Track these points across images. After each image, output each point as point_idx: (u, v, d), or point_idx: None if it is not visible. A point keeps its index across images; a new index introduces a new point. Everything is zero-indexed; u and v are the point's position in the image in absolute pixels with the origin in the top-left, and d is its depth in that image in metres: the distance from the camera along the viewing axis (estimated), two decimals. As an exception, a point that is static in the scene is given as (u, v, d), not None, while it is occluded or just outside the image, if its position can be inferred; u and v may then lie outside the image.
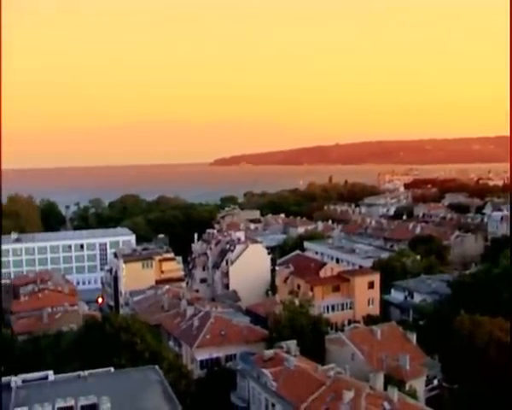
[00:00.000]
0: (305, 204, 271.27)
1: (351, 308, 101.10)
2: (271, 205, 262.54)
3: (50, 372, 45.60)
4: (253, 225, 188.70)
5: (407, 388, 63.05)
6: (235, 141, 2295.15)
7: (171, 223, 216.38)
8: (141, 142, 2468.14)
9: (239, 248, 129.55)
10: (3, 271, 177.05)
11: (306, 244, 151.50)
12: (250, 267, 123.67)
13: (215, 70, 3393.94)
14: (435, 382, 70.99)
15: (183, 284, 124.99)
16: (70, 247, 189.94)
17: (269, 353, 67.37)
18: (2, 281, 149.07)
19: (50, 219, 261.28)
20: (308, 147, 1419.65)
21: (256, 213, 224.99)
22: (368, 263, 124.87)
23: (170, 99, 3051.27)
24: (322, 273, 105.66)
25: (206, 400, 66.81)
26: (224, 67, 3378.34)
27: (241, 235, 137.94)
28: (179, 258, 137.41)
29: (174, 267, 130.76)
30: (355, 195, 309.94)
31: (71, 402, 37.17)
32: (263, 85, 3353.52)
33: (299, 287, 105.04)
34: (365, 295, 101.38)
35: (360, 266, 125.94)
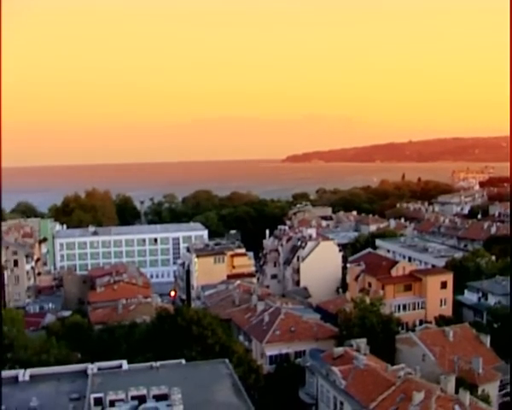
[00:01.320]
0: (377, 202, 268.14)
1: (422, 308, 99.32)
2: (343, 202, 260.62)
3: (124, 362, 46.93)
4: (324, 222, 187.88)
5: (479, 392, 61.55)
6: (307, 138, 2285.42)
7: (243, 219, 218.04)
8: (214, 138, 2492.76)
9: (310, 244, 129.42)
10: (82, 262, 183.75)
11: (378, 242, 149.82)
12: (321, 264, 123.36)
13: (290, 68, 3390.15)
14: (509, 387, 69.11)
15: (254, 280, 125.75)
16: (144, 241, 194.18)
17: (338, 350, 67.20)
18: (82, 272, 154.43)
19: (126, 214, 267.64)
20: (381, 144, 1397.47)
21: (328, 210, 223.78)
22: (441, 263, 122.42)
23: (244, 96, 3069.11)
24: (393, 272, 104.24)
25: (274, 395, 67.27)
26: (298, 66, 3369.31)
27: (312, 232, 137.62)
28: (251, 254, 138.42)
29: (245, 263, 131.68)
30: (428, 193, 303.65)
31: (143, 391, 38.14)
32: (336, 83, 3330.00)
33: (370, 285, 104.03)
34: (437, 296, 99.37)
35: (433, 266, 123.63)
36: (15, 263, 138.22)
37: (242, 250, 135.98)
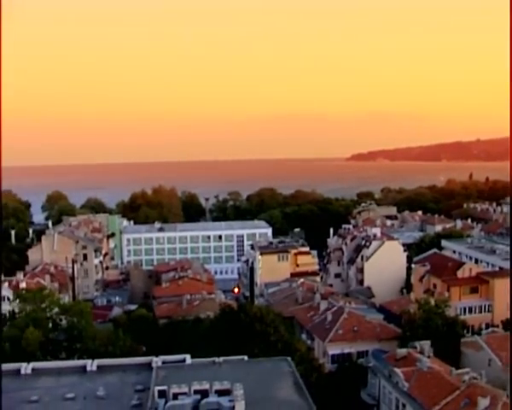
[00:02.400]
0: (443, 201, 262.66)
1: (489, 311, 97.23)
2: (408, 201, 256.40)
3: (188, 356, 47.62)
4: (389, 222, 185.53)
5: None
6: (372, 136, 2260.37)
7: (308, 217, 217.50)
8: (279, 136, 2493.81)
9: (375, 244, 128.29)
10: (148, 257, 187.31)
11: (444, 243, 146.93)
12: (385, 264, 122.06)
13: (356, 65, 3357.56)
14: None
15: (318, 278, 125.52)
16: (209, 237, 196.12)
17: (401, 352, 66.49)
18: (148, 267, 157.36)
19: (191, 211, 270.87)
20: (447, 142, 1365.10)
21: (393, 210, 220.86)
22: (509, 265, 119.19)
23: (308, 93, 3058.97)
24: (459, 273, 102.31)
25: (336, 394, 67.08)
26: (365, 63, 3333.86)
27: (377, 231, 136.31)
28: (314, 252, 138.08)
29: (309, 261, 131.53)
30: (496, 193, 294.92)
31: (206, 386, 38.65)
32: (403, 80, 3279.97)
33: (435, 286, 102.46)
34: (505, 299, 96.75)
35: (500, 268, 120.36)
36: (85, 257, 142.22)
37: (306, 249, 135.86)
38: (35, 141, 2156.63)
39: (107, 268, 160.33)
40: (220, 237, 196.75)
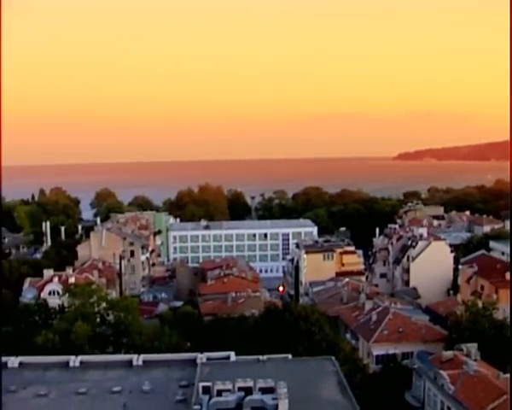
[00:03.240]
0: (492, 202, 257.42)
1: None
2: (456, 201, 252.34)
3: (232, 353, 47.89)
4: (436, 222, 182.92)
5: None
6: (419, 135, 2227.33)
7: (353, 216, 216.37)
8: (325, 135, 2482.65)
9: (421, 244, 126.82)
10: (193, 255, 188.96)
11: (492, 244, 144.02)
12: (432, 265, 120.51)
13: (403, 63, 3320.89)
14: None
15: (363, 278, 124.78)
16: (254, 236, 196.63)
17: (447, 354, 65.54)
18: (194, 265, 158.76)
19: (237, 209, 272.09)
20: (496, 142, 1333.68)
21: (439, 210, 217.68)
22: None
23: (353, 92, 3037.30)
24: (508, 276, 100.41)
25: (380, 395, 66.60)
26: (412, 60, 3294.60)
27: (423, 231, 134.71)
28: (360, 251, 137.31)
29: (354, 261, 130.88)
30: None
31: (250, 383, 38.79)
32: (451, 78, 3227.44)
33: (482, 288, 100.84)
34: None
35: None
36: (132, 254, 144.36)
37: (352, 248, 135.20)
38: (85, 139, 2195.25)
39: (153, 265, 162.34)
40: (266, 235, 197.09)
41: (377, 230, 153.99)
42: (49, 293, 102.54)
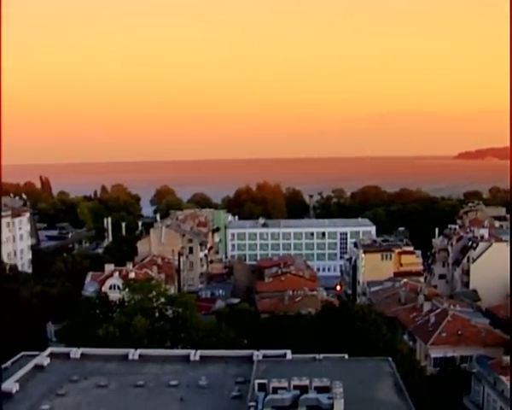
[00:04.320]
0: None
1: None
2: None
3: (288, 351, 47.92)
4: (497, 223, 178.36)
5: None
6: (481, 134, 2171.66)
7: (412, 216, 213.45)
8: (384, 134, 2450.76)
9: (482, 245, 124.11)
10: (251, 252, 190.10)
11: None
12: (492, 267, 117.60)
13: (465, 60, 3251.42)
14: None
15: (422, 279, 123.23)
16: (312, 234, 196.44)
17: (508, 359, 64.22)
18: (251, 262, 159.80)
19: (295, 207, 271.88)
20: None
21: (502, 210, 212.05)
22: None
23: (414, 91, 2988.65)
24: None
25: (437, 399, 65.71)
26: (473, 60, 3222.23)
27: (484, 232, 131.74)
28: (418, 252, 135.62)
29: (413, 261, 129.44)
30: None
31: (305, 382, 38.72)
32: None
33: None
34: None
35: None
36: (190, 250, 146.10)
37: (410, 248, 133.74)
38: (146, 138, 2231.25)
39: (211, 262, 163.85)
40: (323, 234, 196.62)
41: (437, 230, 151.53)
42: (110, 287, 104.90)
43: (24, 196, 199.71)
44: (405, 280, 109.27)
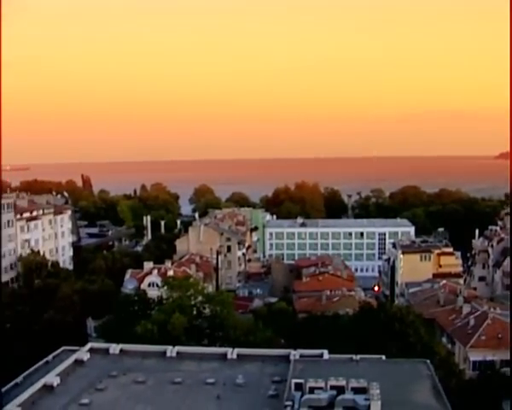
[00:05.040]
0: None
1: None
2: None
3: (325, 351, 47.88)
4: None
5: None
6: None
7: (452, 217, 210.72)
8: (423, 133, 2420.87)
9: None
10: (289, 252, 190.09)
11: None
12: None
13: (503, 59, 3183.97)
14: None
15: (461, 281, 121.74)
16: (350, 234, 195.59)
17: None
18: (289, 262, 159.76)
19: (333, 207, 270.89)
20: None
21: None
22: None
23: (455, 89, 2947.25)
24: None
25: (476, 403, 64.85)
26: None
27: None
28: (458, 253, 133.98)
29: (452, 262, 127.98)
30: None
31: (342, 382, 38.61)
32: None
33: None
34: None
35: None
36: (228, 249, 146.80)
37: (450, 249, 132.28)
38: (184, 137, 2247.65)
39: (249, 261, 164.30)
40: (362, 234, 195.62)
41: (477, 231, 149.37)
42: (149, 284, 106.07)
43: (66, 194, 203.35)
44: (444, 282, 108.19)
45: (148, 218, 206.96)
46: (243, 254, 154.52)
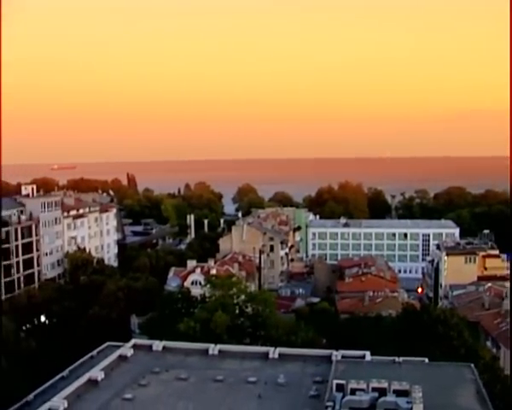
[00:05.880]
0: None
1: None
2: None
3: (367, 352, 47.68)
4: None
5: None
6: None
7: (498, 218, 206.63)
8: (468, 133, 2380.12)
9: None
10: (332, 252, 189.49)
11: None
12: None
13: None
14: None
15: (507, 284, 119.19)
16: (394, 235, 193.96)
17: None
18: (332, 262, 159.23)
19: (377, 207, 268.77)
20: None
21: None
22: None
23: (499, 87, 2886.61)
24: None
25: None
26: None
27: None
28: (504, 256, 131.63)
29: (498, 265, 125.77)
30: None
31: (384, 384, 38.37)
32: None
33: None
34: None
35: None
36: (271, 248, 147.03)
37: (496, 251, 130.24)
38: (228, 137, 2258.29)
39: (292, 260, 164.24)
40: (405, 235, 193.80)
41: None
42: (192, 283, 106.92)
43: (111, 193, 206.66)
44: (490, 284, 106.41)
45: (192, 216, 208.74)
46: (286, 253, 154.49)
